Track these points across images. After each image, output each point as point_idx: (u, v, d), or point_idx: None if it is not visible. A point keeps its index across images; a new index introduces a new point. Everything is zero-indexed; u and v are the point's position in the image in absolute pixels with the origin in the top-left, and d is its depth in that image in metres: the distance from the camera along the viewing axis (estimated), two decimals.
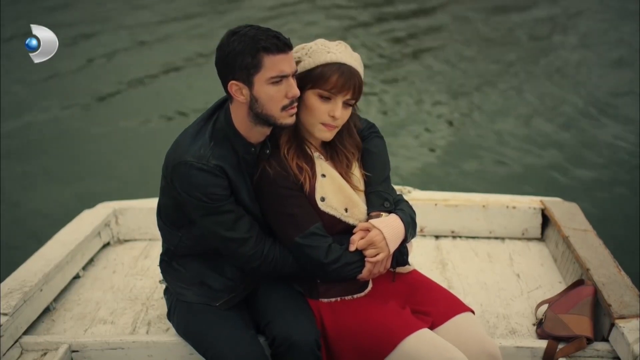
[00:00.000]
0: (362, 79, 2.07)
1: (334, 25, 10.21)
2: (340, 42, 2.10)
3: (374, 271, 2.12)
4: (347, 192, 2.14)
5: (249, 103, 1.99)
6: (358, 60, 2.09)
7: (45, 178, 5.76)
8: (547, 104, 7.39)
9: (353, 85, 2.03)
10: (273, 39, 1.93)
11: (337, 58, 2.03)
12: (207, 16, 10.74)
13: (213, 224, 2.05)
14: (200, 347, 2.21)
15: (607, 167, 6.00)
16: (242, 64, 1.94)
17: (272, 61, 1.93)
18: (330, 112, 2.04)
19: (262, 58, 1.93)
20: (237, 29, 1.97)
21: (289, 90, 1.97)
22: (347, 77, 2.02)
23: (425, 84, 8.04)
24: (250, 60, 1.93)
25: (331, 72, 2.01)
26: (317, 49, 2.06)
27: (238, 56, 1.93)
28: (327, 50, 2.04)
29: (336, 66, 2.02)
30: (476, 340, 2.09)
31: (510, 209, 3.20)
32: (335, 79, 2.01)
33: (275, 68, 1.94)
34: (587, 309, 2.42)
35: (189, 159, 2.00)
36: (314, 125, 2.08)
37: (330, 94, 2.02)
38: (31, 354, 2.35)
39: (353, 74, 2.03)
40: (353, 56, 2.08)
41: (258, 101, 1.98)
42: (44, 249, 2.83)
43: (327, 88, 2.02)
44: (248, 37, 1.93)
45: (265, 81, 1.95)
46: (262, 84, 1.95)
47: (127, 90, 7.85)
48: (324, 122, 2.06)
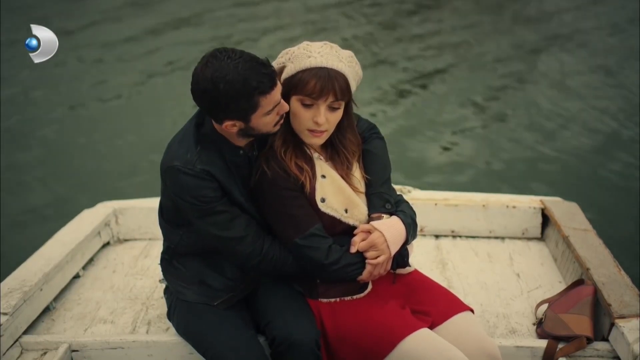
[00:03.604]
0: (347, 79, 2.02)
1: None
2: (325, 43, 2.06)
3: (374, 273, 2.12)
4: (347, 192, 2.14)
5: (241, 130, 2.00)
6: (346, 60, 2.04)
7: (45, 177, 5.76)
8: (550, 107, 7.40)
9: (332, 88, 1.97)
10: (262, 76, 1.89)
11: (316, 62, 1.98)
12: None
13: (208, 225, 2.06)
14: (200, 347, 2.21)
15: (607, 167, 6.00)
16: (236, 108, 1.91)
17: (267, 99, 1.92)
18: (313, 117, 2.01)
19: (258, 100, 1.91)
20: (219, 70, 1.87)
21: (280, 109, 1.98)
22: (325, 81, 1.97)
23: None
24: (246, 104, 1.91)
25: (309, 77, 1.97)
26: (299, 53, 2.03)
27: (231, 102, 1.90)
28: (307, 55, 2.01)
29: (314, 71, 1.98)
30: (475, 340, 2.09)
31: (510, 209, 3.20)
32: (313, 85, 1.97)
33: (270, 103, 1.93)
34: (587, 308, 2.42)
35: (176, 164, 2.01)
36: (301, 131, 2.07)
37: (312, 99, 1.99)
38: (31, 353, 2.35)
39: (332, 77, 1.98)
40: (339, 56, 2.02)
41: (254, 129, 1.99)
42: (43, 249, 2.83)
43: (307, 94, 1.99)
44: (238, 82, 1.86)
45: (262, 115, 1.95)
46: (258, 118, 1.95)
47: (128, 90, 7.86)
48: (309, 129, 2.04)
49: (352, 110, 2.17)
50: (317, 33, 9.68)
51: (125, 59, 8.88)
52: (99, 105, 7.43)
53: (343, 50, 2.08)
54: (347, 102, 2.10)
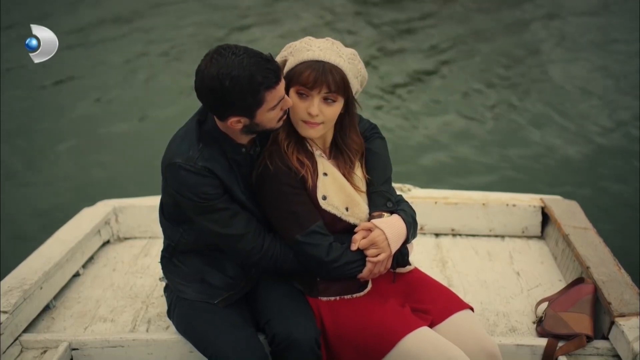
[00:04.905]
0: (344, 73, 2.04)
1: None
2: (327, 39, 2.09)
3: (375, 271, 2.12)
4: (348, 191, 2.14)
5: (246, 126, 2.00)
6: (347, 57, 2.06)
7: (45, 176, 5.76)
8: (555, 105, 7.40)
9: (326, 80, 2.00)
10: (267, 71, 1.90)
11: (314, 56, 2.02)
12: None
13: (209, 222, 2.06)
14: (200, 345, 2.21)
15: (607, 165, 6.00)
16: (242, 104, 1.92)
17: (272, 94, 1.93)
18: (307, 108, 2.03)
19: (264, 95, 1.92)
20: (224, 67, 1.87)
21: (284, 104, 1.99)
22: (320, 73, 2.00)
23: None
24: (252, 100, 1.92)
25: (304, 68, 2.01)
26: (300, 47, 2.07)
27: (237, 99, 1.91)
28: (307, 49, 2.04)
29: (310, 63, 2.01)
30: (475, 339, 2.09)
31: (510, 207, 3.20)
32: (307, 75, 2.00)
33: (275, 98, 1.95)
34: (587, 307, 2.42)
35: (177, 161, 2.01)
36: (297, 122, 2.08)
37: (306, 89, 2.02)
38: (31, 351, 2.35)
39: (327, 69, 2.01)
40: (339, 52, 2.05)
41: (259, 125, 2.00)
42: (44, 247, 2.83)
43: (301, 84, 2.01)
44: (244, 78, 1.87)
45: (267, 111, 1.96)
46: (263, 114, 1.96)
47: (128, 89, 7.86)
48: (303, 120, 2.06)
49: (355, 110, 2.17)
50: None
51: (125, 56, 8.88)
52: (98, 105, 7.43)
53: (346, 47, 2.10)
54: (348, 101, 2.10)
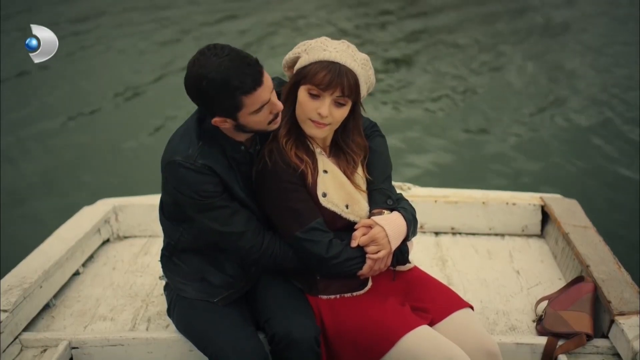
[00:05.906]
0: (357, 78, 2.04)
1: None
2: (343, 42, 2.09)
3: (375, 268, 2.12)
4: (348, 188, 2.14)
5: (234, 126, 2.01)
6: (360, 61, 2.06)
7: (45, 175, 5.75)
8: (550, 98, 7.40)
9: (341, 83, 2.00)
10: (245, 76, 1.88)
11: (330, 56, 2.01)
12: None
13: (209, 220, 2.06)
14: (200, 344, 2.21)
15: (607, 163, 6.00)
16: (221, 106, 1.92)
17: (251, 99, 1.92)
18: (317, 109, 2.02)
19: (240, 99, 1.91)
20: (203, 67, 1.88)
21: (273, 108, 1.98)
22: (335, 75, 1.99)
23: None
24: (229, 103, 1.91)
25: (320, 68, 2.00)
26: (316, 46, 2.06)
27: (215, 100, 1.91)
28: (323, 49, 2.04)
29: (326, 64, 2.01)
30: (475, 337, 2.09)
31: (510, 206, 3.20)
32: (322, 76, 2.00)
33: (256, 103, 1.93)
34: (587, 305, 2.42)
35: (177, 159, 2.01)
36: (303, 121, 2.08)
37: (318, 90, 2.01)
38: (31, 350, 2.35)
39: (343, 72, 2.00)
40: (354, 56, 2.05)
41: (245, 126, 2.00)
42: (43, 246, 2.83)
43: (314, 84, 2.01)
44: (217, 81, 1.87)
45: (248, 114, 1.95)
46: (246, 116, 1.96)
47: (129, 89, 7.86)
48: (312, 119, 2.05)
49: (360, 114, 2.17)
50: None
51: (125, 55, 8.88)
52: (99, 104, 7.43)
53: (360, 52, 2.10)
54: (355, 104, 2.10)
